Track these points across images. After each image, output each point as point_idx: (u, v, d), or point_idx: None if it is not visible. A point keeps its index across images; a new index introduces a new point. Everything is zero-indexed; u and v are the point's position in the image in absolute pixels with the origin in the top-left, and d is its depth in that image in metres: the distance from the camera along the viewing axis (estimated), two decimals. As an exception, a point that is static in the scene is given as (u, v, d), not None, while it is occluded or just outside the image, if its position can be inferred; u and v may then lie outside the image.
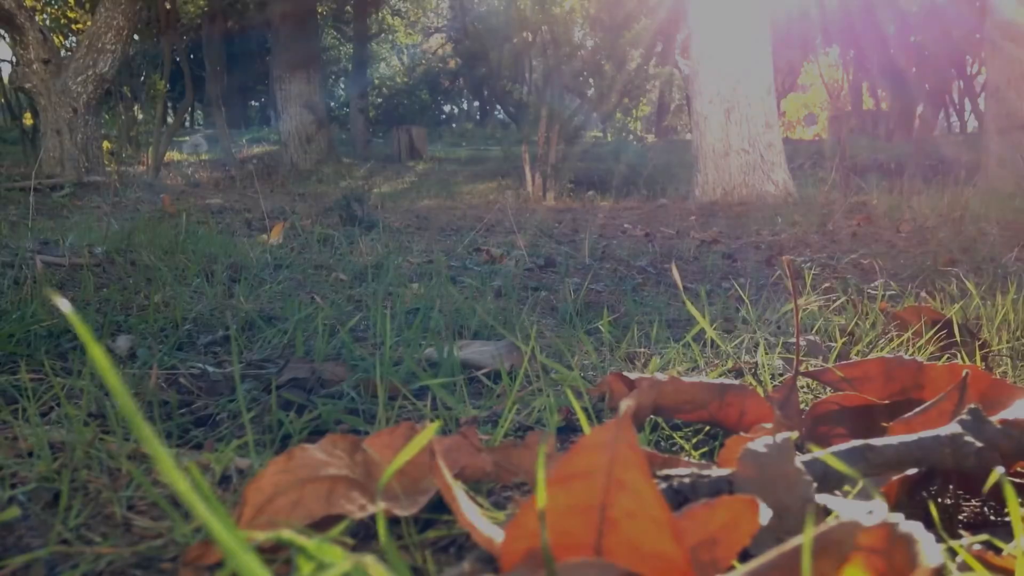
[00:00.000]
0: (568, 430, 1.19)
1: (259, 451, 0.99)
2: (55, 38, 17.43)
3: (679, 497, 0.69)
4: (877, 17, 22.70)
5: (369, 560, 0.41)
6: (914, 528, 0.45)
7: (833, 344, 1.86)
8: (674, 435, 1.08)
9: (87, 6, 15.88)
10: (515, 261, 3.72)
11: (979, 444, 0.74)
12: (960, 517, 0.89)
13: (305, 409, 1.15)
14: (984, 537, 0.60)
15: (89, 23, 7.96)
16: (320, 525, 0.68)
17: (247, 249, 3.08)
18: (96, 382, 1.22)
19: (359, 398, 1.20)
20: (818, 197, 8.57)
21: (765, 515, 0.56)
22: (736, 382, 1.00)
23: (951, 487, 0.93)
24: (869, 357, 1.10)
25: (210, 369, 1.37)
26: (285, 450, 0.72)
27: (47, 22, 18.95)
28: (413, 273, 3.11)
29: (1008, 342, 1.98)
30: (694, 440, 1.07)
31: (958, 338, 1.60)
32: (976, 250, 4.14)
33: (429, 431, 0.52)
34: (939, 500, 0.91)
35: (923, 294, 2.70)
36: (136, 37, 22.84)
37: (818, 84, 33.70)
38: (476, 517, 0.53)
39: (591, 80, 21.85)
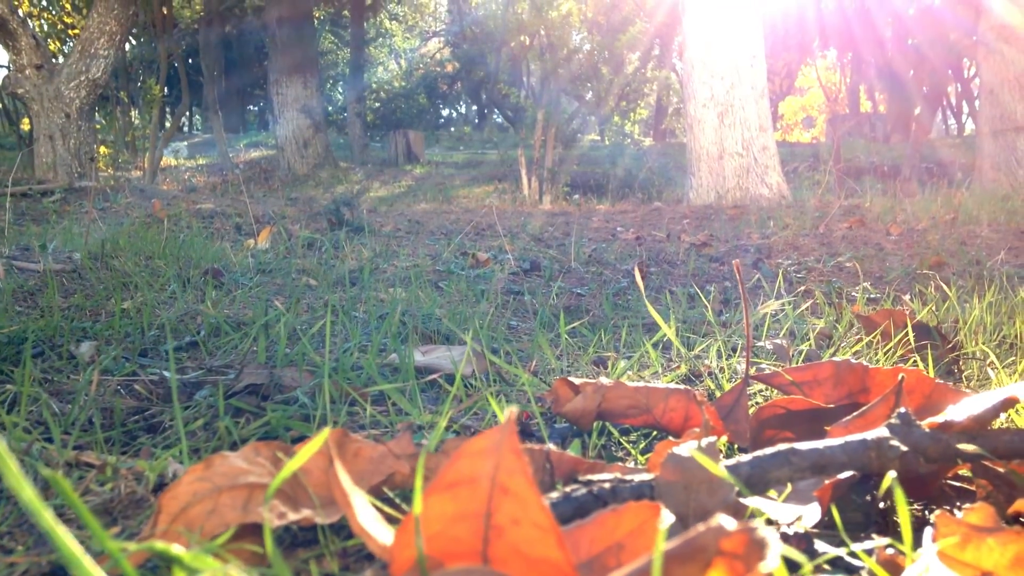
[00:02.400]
0: (523, 435, 1.19)
1: (204, 458, 0.99)
2: (51, 43, 17.48)
3: (599, 502, 0.69)
4: (874, 20, 22.73)
5: (234, 570, 0.41)
6: (767, 533, 0.44)
7: (805, 348, 1.86)
8: (622, 440, 1.08)
9: (84, 11, 15.93)
10: (501, 265, 3.71)
11: (904, 448, 0.74)
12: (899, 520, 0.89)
13: (257, 416, 1.15)
14: (887, 541, 0.60)
15: (83, 28, 7.96)
16: (238, 533, 0.68)
17: (230, 254, 3.08)
18: (48, 389, 1.22)
19: (312, 404, 1.20)
20: (812, 200, 8.58)
21: (666, 520, 0.55)
22: (680, 387, 1.00)
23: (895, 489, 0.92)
24: (820, 361, 1.10)
25: (172, 377, 1.37)
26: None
27: (44, 27, 19.00)
28: (395, 277, 3.11)
29: (983, 344, 1.97)
30: (642, 445, 1.07)
31: (912, 342, 1.60)
32: (963, 253, 4.14)
33: (319, 438, 0.52)
34: (883, 503, 0.91)
35: (905, 297, 2.70)
36: (133, 42, 22.89)
37: (816, 87, 33.74)
38: (372, 524, 0.53)
39: (589, 83, 21.90)
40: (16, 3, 17.49)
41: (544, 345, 1.47)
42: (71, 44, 17.09)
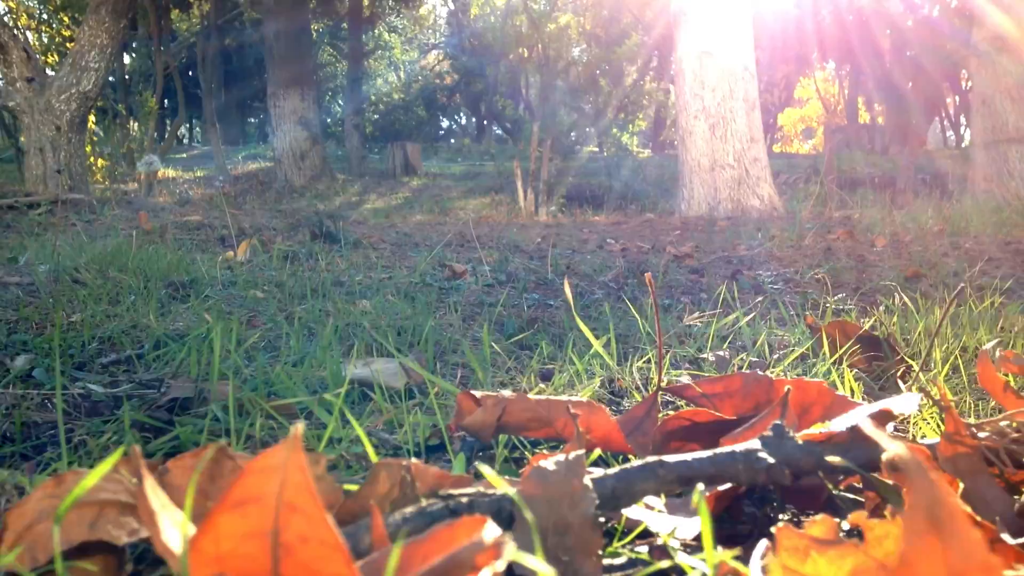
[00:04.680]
0: (442, 448, 1.18)
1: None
2: (50, 57, 17.55)
3: (454, 517, 0.68)
4: (873, 32, 22.78)
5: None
6: (510, 548, 0.44)
7: (764, 359, 1.85)
8: (530, 453, 1.07)
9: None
10: (477, 277, 3.71)
11: (771, 460, 0.73)
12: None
13: (168, 431, 1.15)
14: (733, 553, 0.59)
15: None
16: (86, 550, 0.67)
17: (200, 266, 3.07)
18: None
19: (226, 418, 1.19)
20: (803, 212, 8.57)
21: (491, 533, 0.55)
22: (583, 399, 0.99)
23: (788, 502, 0.92)
24: (731, 374, 1.09)
25: (97, 389, 1.37)
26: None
27: (44, 40, 19.08)
28: (368, 289, 3.10)
29: (942, 355, 1.96)
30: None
31: (824, 351, 1.59)
32: (943, 264, 4.13)
33: (114, 456, 0.51)
34: (777, 515, 0.90)
35: (880, 309, 2.69)
36: (133, 55, 22.95)
37: (815, 98, 33.78)
38: (177, 544, 0.52)
39: (587, 95, 21.93)
40: (14, 17, 17.58)
41: (472, 359, 1.47)
42: (69, 57, 17.18)
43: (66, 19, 17.01)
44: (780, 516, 0.89)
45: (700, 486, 0.54)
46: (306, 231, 5.05)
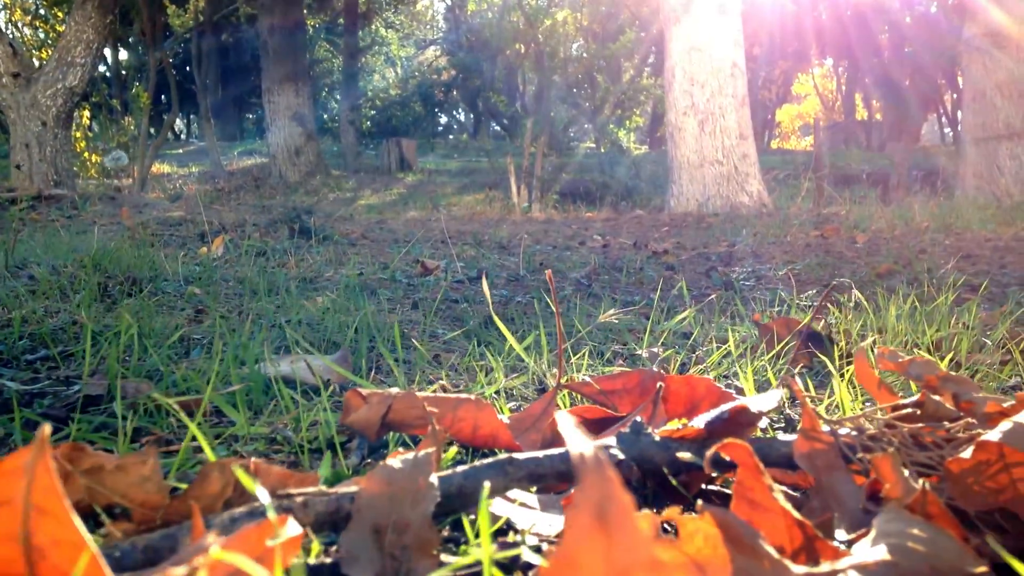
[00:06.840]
0: (347, 445, 1.17)
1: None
2: (44, 52, 17.52)
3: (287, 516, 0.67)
4: (871, 28, 22.75)
5: None
6: (227, 553, 0.43)
7: (702, 356, 1.84)
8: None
9: (75, 21, 15.96)
10: (447, 274, 3.70)
11: (621, 457, 0.72)
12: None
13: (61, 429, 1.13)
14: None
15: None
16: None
17: (164, 262, 3.06)
18: None
19: (134, 415, 1.18)
20: (792, 208, 8.55)
21: (292, 530, 0.54)
22: (471, 396, 0.98)
23: (667, 496, 0.90)
24: (628, 370, 1.08)
25: (12, 385, 1.35)
26: None
27: (41, 36, 19.07)
28: (336, 285, 3.09)
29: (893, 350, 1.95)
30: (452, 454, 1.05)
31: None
32: (918, 261, 4.11)
33: None
34: (658, 509, 0.89)
35: (835, 306, 2.67)
36: (129, 51, 22.90)
37: (813, 94, 33.72)
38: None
39: (584, 91, 21.86)
40: (8, 13, 17.52)
41: (386, 354, 1.46)
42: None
43: (60, 14, 16.98)
44: (658, 510, 0.88)
45: (487, 484, 0.53)
46: (284, 227, 5.04)
